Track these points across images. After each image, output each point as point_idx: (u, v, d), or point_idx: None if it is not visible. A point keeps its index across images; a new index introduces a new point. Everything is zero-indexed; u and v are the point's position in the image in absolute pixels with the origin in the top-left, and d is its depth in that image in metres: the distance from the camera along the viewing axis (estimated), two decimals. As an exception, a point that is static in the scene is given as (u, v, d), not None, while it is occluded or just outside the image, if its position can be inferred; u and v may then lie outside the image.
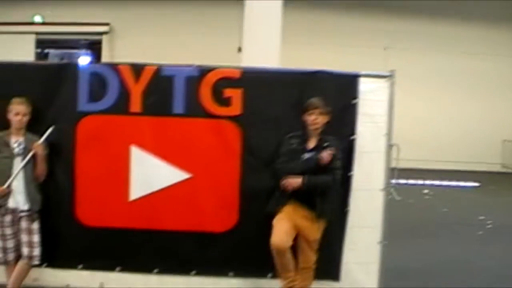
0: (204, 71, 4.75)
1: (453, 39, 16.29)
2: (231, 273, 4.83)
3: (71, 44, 17.16)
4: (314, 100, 4.55)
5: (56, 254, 4.85)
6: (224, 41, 13.27)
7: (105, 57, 15.99)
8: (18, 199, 4.66)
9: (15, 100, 4.67)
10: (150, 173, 4.81)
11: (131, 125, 4.81)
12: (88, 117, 4.81)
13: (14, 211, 4.67)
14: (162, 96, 4.76)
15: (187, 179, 4.78)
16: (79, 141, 4.82)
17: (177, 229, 4.81)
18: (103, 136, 4.84)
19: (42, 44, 16.74)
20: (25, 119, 4.68)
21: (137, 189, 4.81)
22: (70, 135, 4.82)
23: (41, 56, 16.50)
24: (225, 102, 4.73)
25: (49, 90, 4.82)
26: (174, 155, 4.79)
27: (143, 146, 4.80)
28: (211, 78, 4.73)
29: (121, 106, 4.78)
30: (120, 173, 4.82)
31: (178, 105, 4.76)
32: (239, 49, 8.24)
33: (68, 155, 4.83)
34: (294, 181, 4.41)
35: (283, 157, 4.53)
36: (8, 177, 4.62)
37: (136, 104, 4.78)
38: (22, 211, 4.68)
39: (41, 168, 4.74)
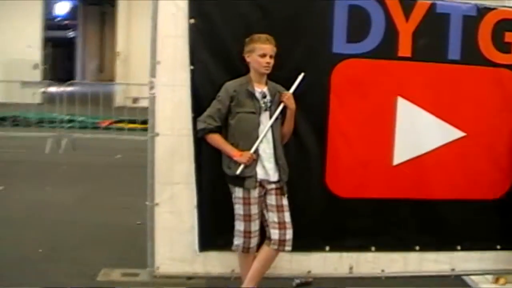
0: (483, 10, 3.96)
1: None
2: (498, 246, 4.17)
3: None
4: None
5: (296, 234, 3.82)
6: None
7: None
8: (268, 168, 3.62)
9: (260, 37, 3.59)
10: (418, 131, 3.97)
11: (398, 72, 3.92)
12: (346, 61, 3.84)
13: (262, 183, 3.62)
14: (436, 38, 3.93)
15: (460, 139, 4.01)
16: (333, 91, 3.85)
17: (445, 198, 4.03)
18: (364, 85, 3.90)
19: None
20: (272, 62, 3.62)
21: (403, 150, 3.95)
22: (322, 83, 3.84)
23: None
24: (505, 48, 3.99)
25: (294, 25, 3.79)
26: (446, 109, 3.98)
27: (411, 97, 3.93)
28: (491, 19, 3.96)
29: (388, 48, 3.87)
30: (383, 131, 3.93)
31: (454, 50, 3.94)
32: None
33: (319, 108, 3.85)
34: None
35: None
36: (254, 138, 3.57)
37: (405, 47, 3.89)
38: (271, 182, 3.65)
39: (290, 125, 3.73)
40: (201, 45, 3.72)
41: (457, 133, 4.01)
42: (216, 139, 3.61)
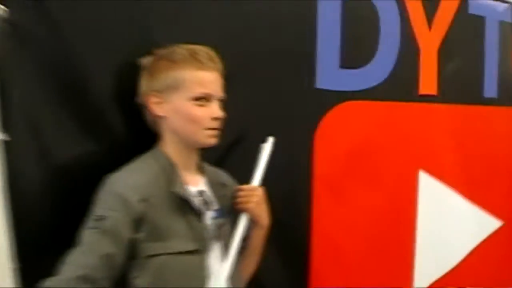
0: (518, 12, 2.38)
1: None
2: None
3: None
4: None
5: None
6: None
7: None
8: None
9: (196, 52, 1.40)
10: (447, 231, 2.18)
11: (420, 125, 2.08)
12: (340, 107, 1.86)
13: None
14: (470, 59, 2.20)
15: (495, 231, 2.36)
16: (319, 169, 1.83)
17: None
18: (369, 154, 1.96)
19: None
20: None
21: (427, 270, 2.13)
22: (300, 153, 1.80)
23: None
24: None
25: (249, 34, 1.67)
26: (478, 185, 2.28)
27: (436, 170, 2.12)
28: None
29: (405, 80, 2.01)
30: (399, 241, 2.06)
31: (491, 80, 2.27)
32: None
33: (295, 209, 1.80)
34: None
35: None
36: None
37: (429, 77, 2.07)
38: None
39: (255, 262, 1.62)
40: (25, 76, 1.36)
41: (493, 223, 2.35)
42: None
